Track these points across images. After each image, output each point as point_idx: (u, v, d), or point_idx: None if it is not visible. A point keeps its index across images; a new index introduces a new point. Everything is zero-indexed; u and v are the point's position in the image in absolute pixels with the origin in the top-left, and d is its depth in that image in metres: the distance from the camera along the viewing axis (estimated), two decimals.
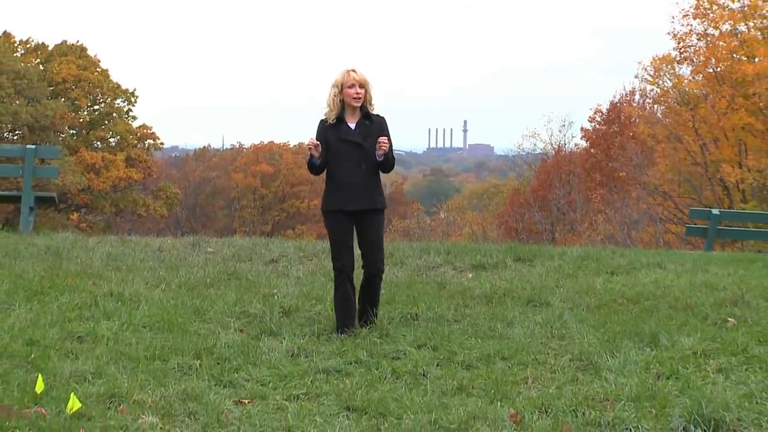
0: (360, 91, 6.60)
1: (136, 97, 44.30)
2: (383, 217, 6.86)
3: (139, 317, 6.71)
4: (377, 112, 6.73)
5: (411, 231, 39.05)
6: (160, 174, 49.57)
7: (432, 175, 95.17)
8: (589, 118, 38.83)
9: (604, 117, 38.27)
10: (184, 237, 12.00)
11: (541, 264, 9.60)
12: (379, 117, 6.73)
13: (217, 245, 10.68)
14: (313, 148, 6.55)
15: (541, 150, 44.10)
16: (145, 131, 44.79)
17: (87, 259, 9.24)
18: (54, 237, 10.83)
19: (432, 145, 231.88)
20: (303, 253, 10.18)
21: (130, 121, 44.36)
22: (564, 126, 43.57)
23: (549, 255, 10.04)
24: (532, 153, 45.27)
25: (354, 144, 6.61)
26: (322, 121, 6.71)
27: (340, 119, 6.65)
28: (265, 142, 59.20)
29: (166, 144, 51.72)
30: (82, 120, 42.97)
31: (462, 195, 64.23)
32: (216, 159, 61.34)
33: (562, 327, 6.74)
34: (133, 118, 44.70)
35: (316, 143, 6.56)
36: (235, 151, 62.86)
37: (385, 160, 6.63)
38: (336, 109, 6.64)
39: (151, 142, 45.29)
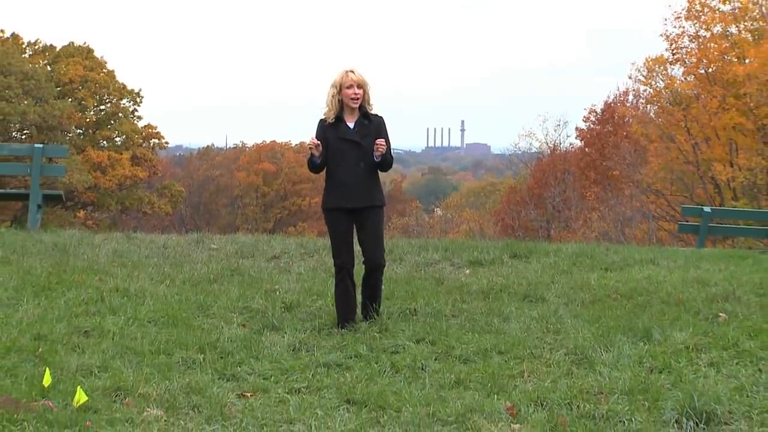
0: (358, 92, 6.66)
1: (141, 98, 44.44)
2: (382, 213, 6.91)
3: (144, 312, 6.77)
4: (376, 111, 6.78)
5: (410, 228, 39.00)
6: (165, 172, 49.72)
7: (430, 174, 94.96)
8: (584, 117, 38.95)
9: (598, 117, 38.26)
10: (188, 234, 12.01)
11: (536, 260, 9.66)
12: (378, 117, 6.79)
13: (220, 242, 10.74)
14: (314, 147, 6.62)
15: (536, 149, 44.08)
16: (150, 131, 44.88)
17: (93, 256, 9.32)
18: (61, 234, 10.90)
19: (430, 144, 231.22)
20: (304, 250, 10.23)
21: (136, 121, 44.48)
22: (559, 126, 43.55)
23: (544, 252, 10.10)
24: (528, 152, 45.28)
25: (352, 143, 6.67)
26: (321, 120, 6.77)
27: (339, 119, 6.71)
28: (268, 142, 59.33)
29: (170, 143, 51.73)
30: (88, 120, 43.09)
31: (460, 193, 63.97)
32: (219, 158, 61.32)
33: (558, 322, 6.78)
34: (139, 117, 44.90)
35: (316, 143, 6.62)
36: (238, 150, 62.81)
37: (382, 160, 6.69)
38: (335, 109, 6.70)
39: (156, 141, 45.39)
